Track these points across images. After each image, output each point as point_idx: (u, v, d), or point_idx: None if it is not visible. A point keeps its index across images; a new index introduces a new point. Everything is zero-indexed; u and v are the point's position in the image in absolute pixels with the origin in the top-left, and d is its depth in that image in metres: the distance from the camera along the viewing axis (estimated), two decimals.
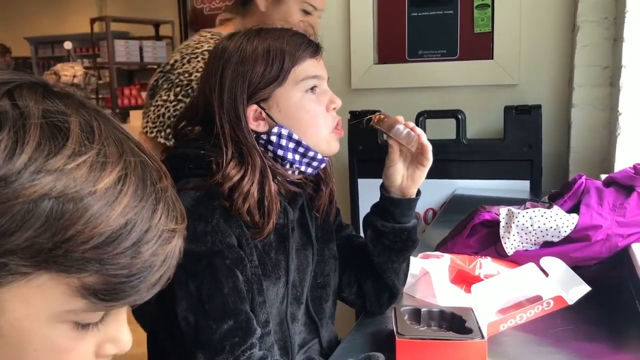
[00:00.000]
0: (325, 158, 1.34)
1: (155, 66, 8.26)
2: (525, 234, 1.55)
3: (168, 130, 1.96)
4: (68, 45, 8.41)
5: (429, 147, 1.34)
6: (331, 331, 1.47)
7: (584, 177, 1.69)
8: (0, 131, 0.55)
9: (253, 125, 1.27)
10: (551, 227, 1.53)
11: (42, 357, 0.61)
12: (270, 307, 1.27)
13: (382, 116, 1.37)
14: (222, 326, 1.15)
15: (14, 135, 0.55)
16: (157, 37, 8.27)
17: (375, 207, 1.43)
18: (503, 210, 1.63)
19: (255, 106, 1.26)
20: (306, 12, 1.96)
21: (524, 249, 1.59)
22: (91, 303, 0.59)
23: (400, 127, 1.33)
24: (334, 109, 1.33)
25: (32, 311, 0.58)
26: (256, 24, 1.79)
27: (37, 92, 0.59)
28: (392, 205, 1.38)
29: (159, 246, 0.61)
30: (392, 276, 1.42)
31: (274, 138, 1.27)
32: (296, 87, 1.28)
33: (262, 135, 1.28)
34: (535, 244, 1.57)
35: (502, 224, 1.61)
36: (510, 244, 1.57)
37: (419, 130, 1.33)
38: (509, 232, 1.58)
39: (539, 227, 1.54)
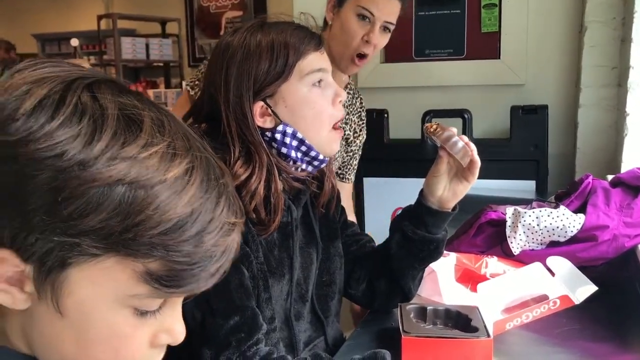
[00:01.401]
0: (326, 158, 1.33)
1: (161, 64, 8.28)
2: (532, 233, 1.55)
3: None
4: (74, 42, 8.41)
5: (479, 163, 1.31)
6: (336, 329, 1.47)
7: (590, 177, 1.68)
8: (81, 120, 0.59)
9: (259, 121, 1.26)
10: (558, 227, 1.52)
11: (102, 341, 0.64)
12: (275, 304, 1.27)
13: (436, 126, 1.35)
14: (229, 322, 1.16)
15: (92, 124, 0.59)
16: (164, 35, 8.26)
17: (408, 212, 1.40)
18: (509, 210, 1.63)
19: (261, 103, 1.26)
20: (363, 18, 1.89)
21: (530, 248, 1.58)
22: (153, 289, 0.62)
23: (457, 140, 1.30)
24: (340, 102, 1.32)
25: (98, 293, 0.62)
26: (327, 38, 1.87)
27: (113, 87, 0.64)
28: (428, 215, 1.35)
29: (220, 237, 0.64)
30: (409, 281, 1.41)
31: (278, 136, 1.27)
32: (302, 82, 1.27)
33: (267, 132, 1.27)
34: (541, 244, 1.57)
35: (508, 223, 1.60)
36: (517, 244, 1.57)
37: (472, 146, 1.31)
38: (515, 232, 1.57)
39: (545, 226, 1.53)
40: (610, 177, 1.78)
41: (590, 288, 1.35)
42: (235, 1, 7.79)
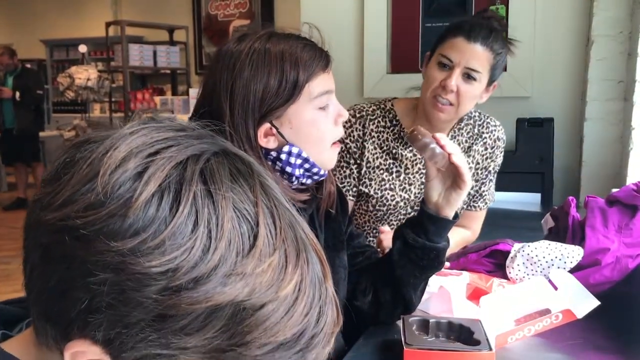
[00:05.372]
0: (325, 172, 1.34)
1: (168, 71, 8.32)
2: (531, 264, 1.55)
3: None
4: (83, 48, 8.47)
5: (462, 167, 1.31)
6: (339, 340, 1.47)
7: (574, 204, 1.68)
8: (195, 227, 0.53)
9: (263, 142, 1.25)
10: (556, 257, 1.52)
11: None
12: None
13: (415, 132, 1.35)
14: None
15: (208, 233, 0.53)
16: (171, 42, 8.31)
17: (410, 220, 1.41)
18: (517, 245, 1.63)
19: (267, 125, 1.24)
20: (443, 66, 1.85)
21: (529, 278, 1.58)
22: None
23: (433, 147, 1.31)
24: (342, 121, 1.33)
25: None
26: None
27: (225, 170, 0.57)
28: (428, 220, 1.36)
29: (321, 349, 0.60)
30: (410, 291, 1.41)
31: (283, 156, 1.26)
32: (310, 104, 1.25)
33: (272, 152, 1.26)
34: (543, 274, 1.56)
35: (511, 254, 1.60)
36: (515, 274, 1.57)
37: (449, 149, 1.31)
38: (513, 262, 1.57)
39: (544, 257, 1.53)
40: (615, 190, 1.78)
41: (593, 302, 1.35)
42: (243, 10, 7.84)
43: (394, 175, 1.98)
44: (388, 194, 1.96)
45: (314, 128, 1.27)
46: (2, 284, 4.71)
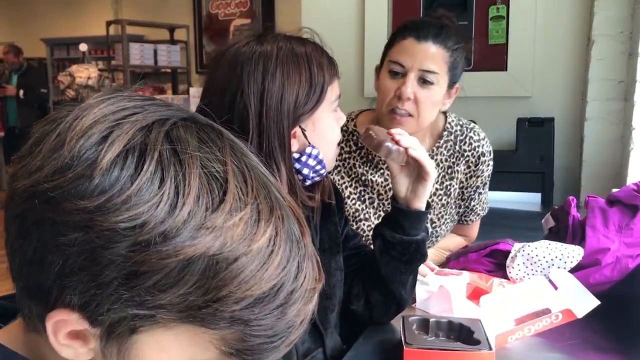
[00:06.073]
0: (325, 172, 1.35)
1: (169, 70, 8.31)
2: (531, 264, 1.55)
3: None
4: (83, 47, 8.46)
5: (422, 159, 1.32)
6: (336, 340, 1.46)
7: (574, 204, 1.68)
8: (162, 183, 0.54)
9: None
10: (556, 257, 1.52)
11: None
12: None
13: (371, 132, 1.35)
14: None
15: (175, 188, 0.54)
16: (172, 41, 8.30)
17: (386, 217, 1.42)
18: (518, 245, 1.62)
19: (298, 128, 1.25)
20: (395, 74, 1.72)
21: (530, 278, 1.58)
22: (226, 357, 0.58)
23: (386, 145, 1.31)
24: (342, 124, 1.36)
25: (165, 358, 0.58)
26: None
27: (192, 133, 0.58)
28: (402, 216, 1.37)
29: (302, 306, 0.60)
30: (399, 288, 1.41)
31: (304, 158, 1.27)
32: (329, 108, 1.28)
33: (294, 154, 1.27)
34: (544, 274, 1.56)
35: (511, 254, 1.60)
36: (515, 274, 1.57)
37: (404, 143, 1.31)
38: (514, 262, 1.57)
39: (544, 257, 1.53)
40: (615, 190, 1.78)
41: (593, 302, 1.35)
42: (243, 9, 7.83)
43: (366, 203, 1.85)
44: (364, 224, 1.84)
45: (331, 130, 1.31)
46: (1, 282, 4.71)
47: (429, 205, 1.39)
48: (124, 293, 0.53)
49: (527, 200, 2.73)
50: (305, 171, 1.29)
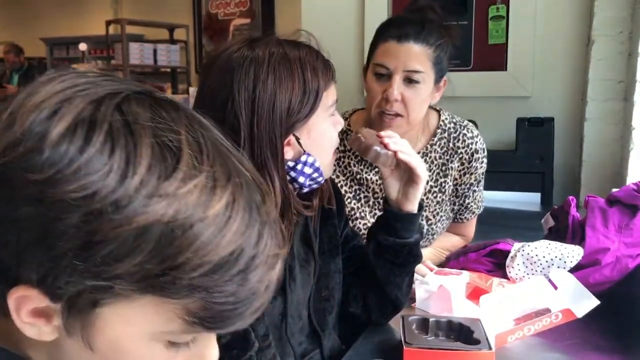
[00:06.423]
0: (323, 180, 1.32)
1: (168, 70, 8.31)
2: (531, 264, 1.55)
3: None
4: (83, 46, 8.47)
5: (411, 162, 1.31)
6: (334, 340, 1.46)
7: (574, 204, 1.68)
8: (112, 152, 0.54)
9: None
10: (556, 257, 1.52)
11: None
12: (268, 323, 1.24)
13: (359, 135, 1.33)
14: (220, 340, 1.15)
15: (126, 157, 0.54)
16: (172, 41, 8.30)
17: (379, 220, 1.42)
18: (517, 245, 1.63)
19: (291, 136, 1.21)
20: (380, 76, 1.72)
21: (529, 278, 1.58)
22: (192, 327, 0.58)
23: (374, 149, 1.30)
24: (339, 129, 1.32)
25: (131, 331, 0.58)
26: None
27: (145, 105, 0.58)
28: (394, 219, 1.36)
29: (265, 272, 0.59)
30: (394, 290, 1.40)
31: (299, 166, 1.24)
32: (324, 114, 1.25)
33: (289, 162, 1.23)
34: (543, 274, 1.57)
35: (511, 254, 1.60)
36: (515, 273, 1.57)
37: (393, 147, 1.30)
38: (513, 261, 1.57)
39: (544, 256, 1.53)
40: (615, 190, 1.78)
41: (593, 302, 1.35)
42: (243, 8, 7.83)
43: (362, 202, 1.85)
44: (360, 222, 1.84)
45: (326, 136, 1.27)
46: None
47: (421, 207, 1.38)
48: (79, 264, 0.53)
49: (526, 200, 2.73)
50: (301, 179, 1.25)
